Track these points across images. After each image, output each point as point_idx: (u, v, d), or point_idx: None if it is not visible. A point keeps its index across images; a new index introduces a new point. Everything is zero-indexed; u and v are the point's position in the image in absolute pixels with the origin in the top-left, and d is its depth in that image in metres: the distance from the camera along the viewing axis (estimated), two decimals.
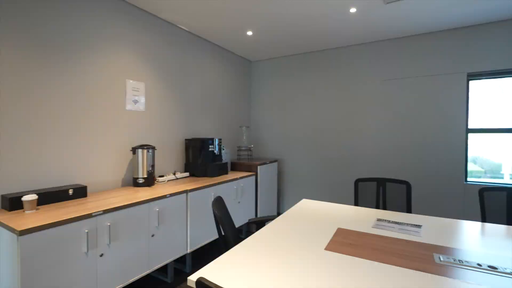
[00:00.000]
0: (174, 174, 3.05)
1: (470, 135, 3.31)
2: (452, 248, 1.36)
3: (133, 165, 2.59)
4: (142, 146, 2.57)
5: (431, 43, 3.37)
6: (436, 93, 3.35)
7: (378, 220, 1.81)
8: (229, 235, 1.49)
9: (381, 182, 2.23)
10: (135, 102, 2.72)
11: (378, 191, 2.23)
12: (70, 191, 2.01)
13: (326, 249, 1.35)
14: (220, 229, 1.48)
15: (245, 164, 3.73)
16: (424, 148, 3.42)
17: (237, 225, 3.23)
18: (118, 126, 2.57)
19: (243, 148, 4.11)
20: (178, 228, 2.40)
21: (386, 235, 1.55)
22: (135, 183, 2.56)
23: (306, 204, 2.19)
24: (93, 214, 1.72)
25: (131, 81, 2.66)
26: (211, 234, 2.79)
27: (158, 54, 2.96)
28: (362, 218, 1.85)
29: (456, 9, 2.75)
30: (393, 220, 1.81)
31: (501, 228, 1.68)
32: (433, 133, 3.37)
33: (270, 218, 1.85)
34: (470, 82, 3.28)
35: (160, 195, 2.22)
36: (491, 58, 3.10)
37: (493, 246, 1.39)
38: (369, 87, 3.75)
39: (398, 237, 1.51)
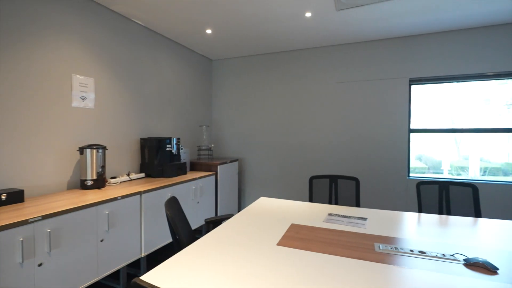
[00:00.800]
0: (128, 175, 2.90)
1: (412, 134, 3.64)
2: (391, 237, 1.49)
3: (81, 166, 2.40)
4: (91, 146, 2.40)
5: (378, 50, 3.64)
6: (382, 96, 3.63)
7: (329, 214, 1.91)
8: (182, 236, 1.46)
9: (333, 179, 2.36)
10: (83, 98, 2.53)
11: (330, 187, 2.36)
12: (3, 196, 1.80)
13: (278, 244, 1.39)
14: (173, 230, 1.45)
15: (205, 163, 3.68)
16: (372, 146, 3.68)
17: (196, 225, 3.17)
18: (63, 124, 2.37)
19: (203, 148, 4.05)
20: (131, 232, 2.29)
21: (335, 228, 1.64)
22: (83, 186, 2.38)
23: (263, 202, 2.23)
24: (30, 221, 1.57)
25: (78, 76, 2.47)
26: (168, 236, 2.71)
27: (109, 49, 2.79)
28: (315, 213, 1.94)
29: (397, 20, 3.01)
30: (343, 214, 1.92)
31: (434, 217, 1.88)
32: (380, 132, 3.65)
33: (226, 217, 1.85)
34: (412, 86, 3.61)
35: (110, 197, 2.09)
36: (429, 66, 3.44)
37: (425, 234, 1.55)
38: (324, 89, 3.93)
39: (345, 230, 1.61)
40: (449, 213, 2.11)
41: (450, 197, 2.12)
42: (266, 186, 4.30)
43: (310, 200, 2.35)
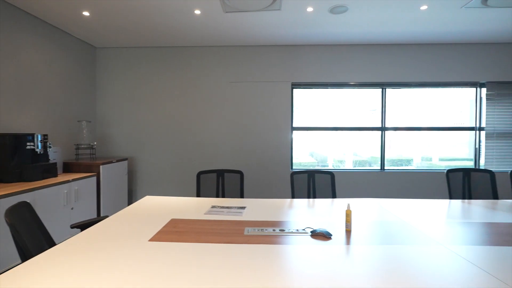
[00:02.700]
0: None
1: (295, 132, 4.16)
2: (262, 221, 1.66)
3: None
4: None
5: (266, 55, 4.00)
6: (269, 97, 4.02)
7: (212, 207, 1.98)
8: (30, 248, 1.24)
9: (220, 173, 2.46)
10: None
11: (217, 182, 2.45)
12: None
13: (150, 240, 1.36)
14: (18, 243, 1.21)
15: (84, 164, 3.23)
16: (260, 142, 4.03)
17: (69, 235, 2.75)
18: None
19: (83, 146, 3.54)
20: None
21: (214, 219, 1.71)
22: None
23: (147, 201, 2.13)
24: None
25: None
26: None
27: None
28: (198, 207, 1.98)
29: (282, 30, 3.38)
30: (225, 205, 2.03)
31: (303, 201, 2.20)
32: (266, 130, 4.02)
33: (99, 220, 1.68)
34: (294, 90, 4.13)
35: None
36: (308, 72, 4.00)
37: (289, 215, 1.80)
38: (217, 88, 4.05)
39: (223, 219, 1.70)
40: (314, 196, 2.51)
41: (316, 183, 2.53)
42: (159, 185, 4.11)
43: (198, 195, 2.38)
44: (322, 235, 1.42)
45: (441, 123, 4.11)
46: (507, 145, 4.00)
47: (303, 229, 1.51)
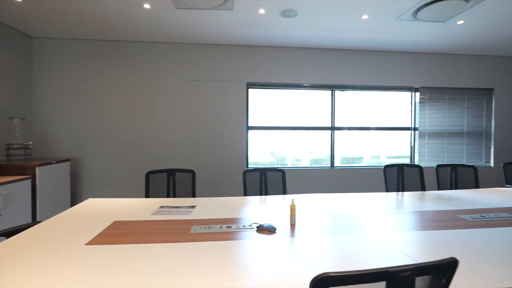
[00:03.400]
0: None
1: (253, 132, 4.22)
2: (210, 219, 1.67)
3: None
4: None
5: (222, 54, 4.00)
6: (224, 96, 4.02)
7: (161, 207, 1.93)
8: None
9: (171, 173, 2.40)
10: None
11: (168, 181, 2.39)
12: None
13: (87, 244, 1.28)
14: None
15: (17, 165, 2.91)
16: (215, 141, 4.02)
17: None
18: None
19: (15, 146, 3.18)
20: None
21: (161, 219, 1.67)
22: None
23: (89, 203, 2.00)
24: None
25: None
26: None
27: None
28: (147, 208, 1.91)
29: (234, 30, 3.41)
30: (175, 205, 1.99)
31: (255, 198, 2.25)
32: (222, 129, 4.02)
33: (28, 226, 1.53)
34: (249, 89, 4.19)
35: None
36: (262, 73, 4.09)
37: (240, 212, 1.84)
38: (171, 85, 3.94)
39: (171, 219, 1.67)
40: (266, 193, 2.58)
41: (267, 181, 2.60)
42: (106, 187, 3.86)
43: (147, 196, 2.29)
44: (267, 230, 1.47)
45: (385, 124, 4.50)
46: (436, 143, 4.54)
47: (250, 225, 1.55)
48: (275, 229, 1.48)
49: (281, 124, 4.29)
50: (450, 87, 4.52)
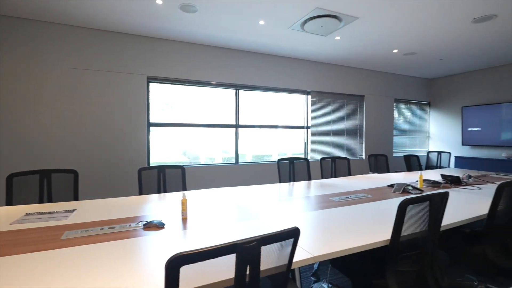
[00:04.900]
0: None
1: (152, 128, 3.99)
2: (91, 222, 1.50)
3: None
4: None
5: (117, 43, 3.63)
6: (122, 89, 3.67)
7: (27, 214, 1.62)
8: None
9: (45, 174, 2.04)
10: None
11: (41, 184, 2.03)
12: None
13: None
14: None
15: None
16: (111, 138, 3.63)
17: None
18: None
19: None
20: None
21: (25, 228, 1.41)
22: None
23: None
24: None
25: None
26: None
27: None
28: (7, 217, 1.58)
29: (131, 18, 3.15)
30: (47, 211, 1.71)
31: (151, 196, 2.14)
32: (119, 125, 3.67)
33: None
34: (150, 84, 3.94)
35: None
36: (165, 67, 3.90)
37: (130, 212, 1.72)
38: (53, 74, 3.35)
39: (39, 227, 1.43)
40: (165, 190, 2.49)
41: (166, 178, 2.52)
42: None
43: (9, 203, 1.89)
44: (155, 226, 1.43)
45: (285, 123, 4.96)
46: (324, 140, 5.29)
47: (137, 224, 1.47)
48: (164, 224, 1.45)
49: (190, 121, 4.21)
50: (334, 92, 5.35)
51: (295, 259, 1.06)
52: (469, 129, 5.68)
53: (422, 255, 1.32)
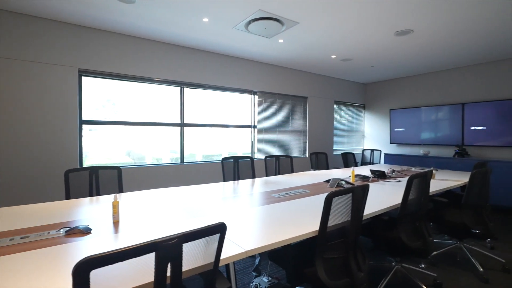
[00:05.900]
0: None
1: (87, 126, 3.64)
2: (17, 229, 1.32)
3: None
4: None
5: (40, 29, 3.21)
6: (46, 82, 3.26)
7: None
8: None
9: None
10: None
11: None
12: None
13: None
14: None
15: None
16: (34, 137, 3.22)
17: None
18: None
19: None
20: None
21: None
22: None
23: None
24: None
25: None
26: None
27: None
28: None
29: (57, 3, 2.83)
30: None
31: (80, 200, 1.95)
32: (44, 121, 3.26)
33: None
34: (83, 77, 3.59)
35: None
36: (100, 60, 3.59)
37: (52, 219, 1.55)
38: None
39: None
40: (98, 193, 2.30)
41: (99, 180, 2.32)
42: None
43: None
44: (79, 232, 1.31)
45: (232, 122, 4.96)
46: (270, 139, 5.45)
47: (58, 231, 1.33)
48: (90, 229, 1.34)
49: (133, 119, 3.95)
50: (280, 93, 5.55)
51: (227, 254, 1.08)
52: (396, 129, 6.42)
53: (346, 243, 1.46)
